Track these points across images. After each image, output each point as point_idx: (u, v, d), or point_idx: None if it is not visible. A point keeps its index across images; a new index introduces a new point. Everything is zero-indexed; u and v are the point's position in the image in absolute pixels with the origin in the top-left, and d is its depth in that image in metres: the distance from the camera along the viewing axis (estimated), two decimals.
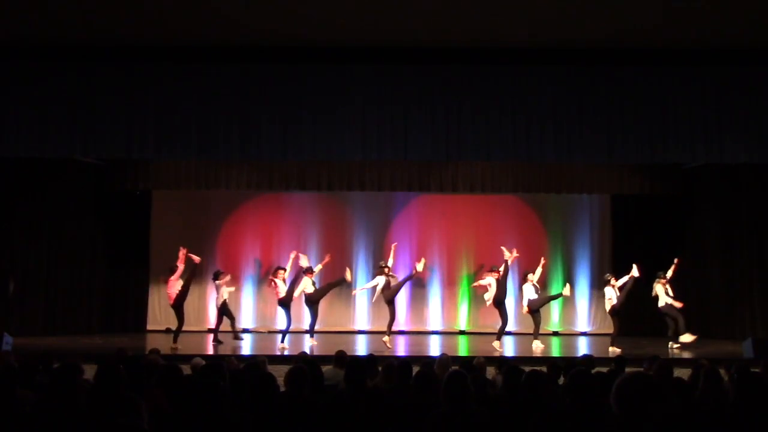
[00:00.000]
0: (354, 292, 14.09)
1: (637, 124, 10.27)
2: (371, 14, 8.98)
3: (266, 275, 14.40)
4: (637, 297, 12.56)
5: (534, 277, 12.50)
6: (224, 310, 12.55)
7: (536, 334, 12.26)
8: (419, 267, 12.17)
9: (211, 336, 12.71)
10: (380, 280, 12.04)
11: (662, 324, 12.52)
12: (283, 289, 12.18)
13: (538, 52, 10.14)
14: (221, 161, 13.35)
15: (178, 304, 11.95)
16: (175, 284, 11.92)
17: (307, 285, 12.24)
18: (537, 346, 11.95)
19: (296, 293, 12.18)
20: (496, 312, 12.25)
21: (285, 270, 12.47)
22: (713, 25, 9.27)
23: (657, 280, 12.22)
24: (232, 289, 13.31)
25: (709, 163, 12.55)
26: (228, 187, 14.26)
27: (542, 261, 12.97)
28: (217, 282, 12.62)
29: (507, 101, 10.30)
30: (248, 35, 9.81)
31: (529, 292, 12.42)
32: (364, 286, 13.29)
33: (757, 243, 13.75)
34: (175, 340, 11.75)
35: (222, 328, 12.64)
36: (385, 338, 11.74)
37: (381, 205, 15.47)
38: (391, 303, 11.90)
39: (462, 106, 10.28)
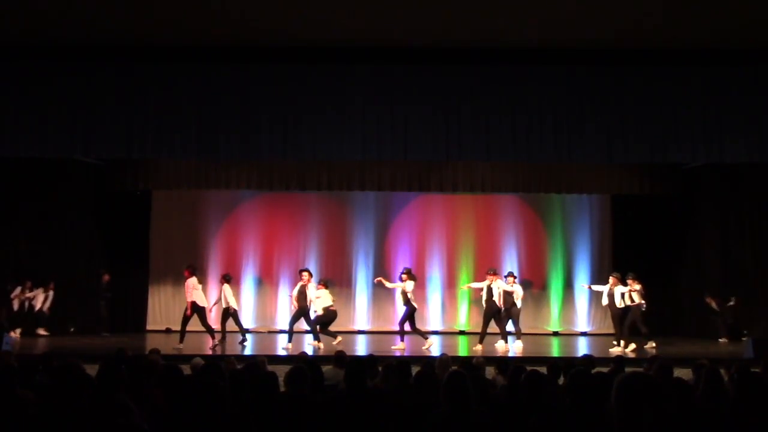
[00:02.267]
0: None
1: (637, 124, 10.26)
2: (371, 14, 8.97)
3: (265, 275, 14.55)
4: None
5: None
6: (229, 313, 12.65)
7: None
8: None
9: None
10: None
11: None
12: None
13: (538, 52, 10.13)
14: (221, 161, 13.35)
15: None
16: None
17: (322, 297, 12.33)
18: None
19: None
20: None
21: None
22: (713, 25, 9.26)
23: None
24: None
25: (709, 163, 12.55)
26: (228, 187, 14.27)
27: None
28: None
29: (507, 101, 10.29)
30: (248, 35, 9.81)
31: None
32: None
33: (757, 243, 13.74)
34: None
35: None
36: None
37: (381, 205, 15.48)
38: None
39: (462, 106, 10.27)
